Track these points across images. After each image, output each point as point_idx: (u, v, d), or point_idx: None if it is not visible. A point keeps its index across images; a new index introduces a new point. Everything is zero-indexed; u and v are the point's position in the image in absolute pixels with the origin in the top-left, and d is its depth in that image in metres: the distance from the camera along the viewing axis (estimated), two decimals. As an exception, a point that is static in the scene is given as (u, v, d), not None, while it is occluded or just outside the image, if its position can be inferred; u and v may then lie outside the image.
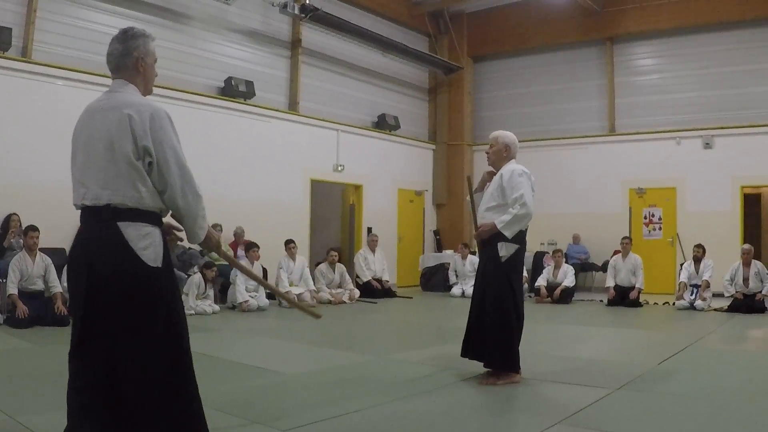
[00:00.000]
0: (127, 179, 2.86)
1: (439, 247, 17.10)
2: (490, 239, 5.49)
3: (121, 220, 2.87)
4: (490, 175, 5.72)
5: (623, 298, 11.97)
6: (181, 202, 2.94)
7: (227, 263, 11.55)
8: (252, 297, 10.78)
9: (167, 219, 3.13)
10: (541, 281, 12.91)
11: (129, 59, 3.06)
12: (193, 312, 9.89)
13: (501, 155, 5.70)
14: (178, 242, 3.36)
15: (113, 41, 3.11)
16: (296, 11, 12.95)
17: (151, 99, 3.10)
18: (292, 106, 14.05)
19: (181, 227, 3.09)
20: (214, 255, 11.60)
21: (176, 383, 2.91)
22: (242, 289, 10.69)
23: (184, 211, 2.98)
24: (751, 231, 15.02)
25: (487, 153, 5.84)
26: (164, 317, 2.91)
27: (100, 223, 2.89)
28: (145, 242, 2.90)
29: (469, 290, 13.00)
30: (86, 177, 2.93)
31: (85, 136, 2.97)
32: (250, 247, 11.25)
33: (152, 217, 2.96)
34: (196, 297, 10.23)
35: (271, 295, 11.39)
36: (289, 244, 11.93)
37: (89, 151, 2.94)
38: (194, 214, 3.01)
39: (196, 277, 10.36)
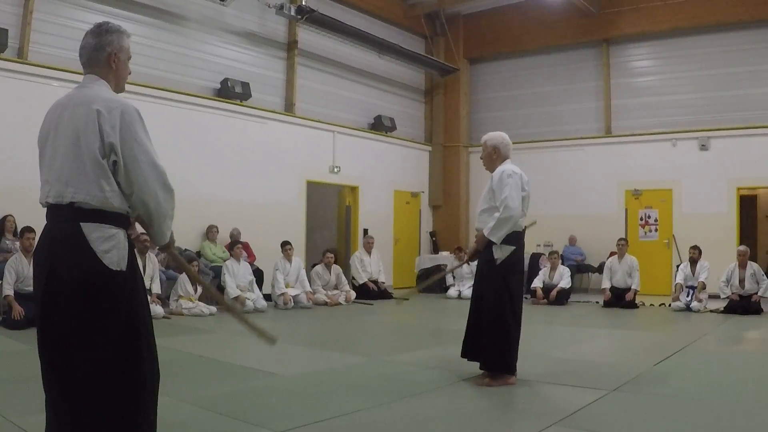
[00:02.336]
0: (91, 177, 2.75)
1: (435, 249, 17.10)
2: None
3: (85, 221, 2.76)
4: None
5: (619, 299, 11.98)
6: (152, 202, 2.83)
7: (221, 264, 11.65)
8: (248, 298, 10.78)
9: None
10: (537, 283, 12.93)
11: (102, 54, 2.97)
12: (179, 313, 9.98)
13: (492, 158, 5.73)
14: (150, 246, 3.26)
15: (87, 35, 3.02)
16: (292, 13, 12.95)
17: (147, 99, 3.05)
18: (289, 107, 14.04)
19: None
20: (210, 255, 11.65)
21: (126, 391, 2.78)
22: (231, 285, 10.69)
23: (155, 211, 2.87)
24: (746, 232, 15.04)
25: (481, 158, 5.87)
26: (122, 322, 2.79)
27: (62, 222, 2.79)
28: (107, 245, 2.78)
29: (466, 292, 13.07)
30: (51, 174, 2.84)
31: (52, 133, 2.88)
32: (234, 245, 11.26)
33: (118, 219, 2.85)
34: (188, 298, 10.21)
35: (268, 297, 11.39)
36: (285, 246, 11.90)
37: (55, 147, 2.84)
38: (164, 214, 2.90)
39: (182, 278, 10.31)
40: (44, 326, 2.81)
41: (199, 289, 10.47)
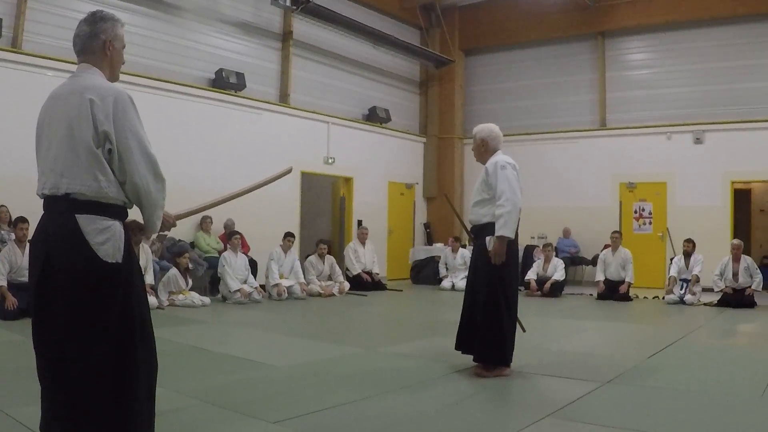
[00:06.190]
0: (86, 167, 2.74)
1: (430, 240, 17.10)
2: (478, 233, 5.53)
3: (80, 212, 2.76)
4: None
5: (613, 292, 12.01)
6: (143, 190, 2.83)
7: (217, 255, 11.61)
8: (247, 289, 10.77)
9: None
10: (531, 275, 12.94)
11: (96, 42, 2.95)
12: (172, 304, 9.96)
13: (481, 151, 5.78)
14: (151, 238, 3.23)
15: (81, 23, 3.00)
16: (288, 3, 12.88)
17: (142, 89, 3.02)
18: (283, 98, 14.00)
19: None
20: (203, 246, 11.62)
21: (120, 383, 2.78)
22: (233, 278, 10.67)
23: (146, 201, 2.87)
24: (740, 226, 15.08)
25: (473, 150, 5.90)
26: (118, 314, 2.80)
27: (58, 214, 2.78)
28: (102, 236, 2.78)
29: (459, 283, 13.08)
30: (46, 165, 2.83)
31: (47, 124, 2.87)
32: (231, 235, 11.21)
33: (114, 210, 2.85)
34: (179, 292, 10.16)
35: (262, 288, 11.36)
36: (287, 237, 11.88)
37: (50, 138, 2.84)
38: (154, 204, 2.90)
39: (173, 273, 10.23)
40: (39, 317, 2.82)
41: (191, 282, 10.43)
